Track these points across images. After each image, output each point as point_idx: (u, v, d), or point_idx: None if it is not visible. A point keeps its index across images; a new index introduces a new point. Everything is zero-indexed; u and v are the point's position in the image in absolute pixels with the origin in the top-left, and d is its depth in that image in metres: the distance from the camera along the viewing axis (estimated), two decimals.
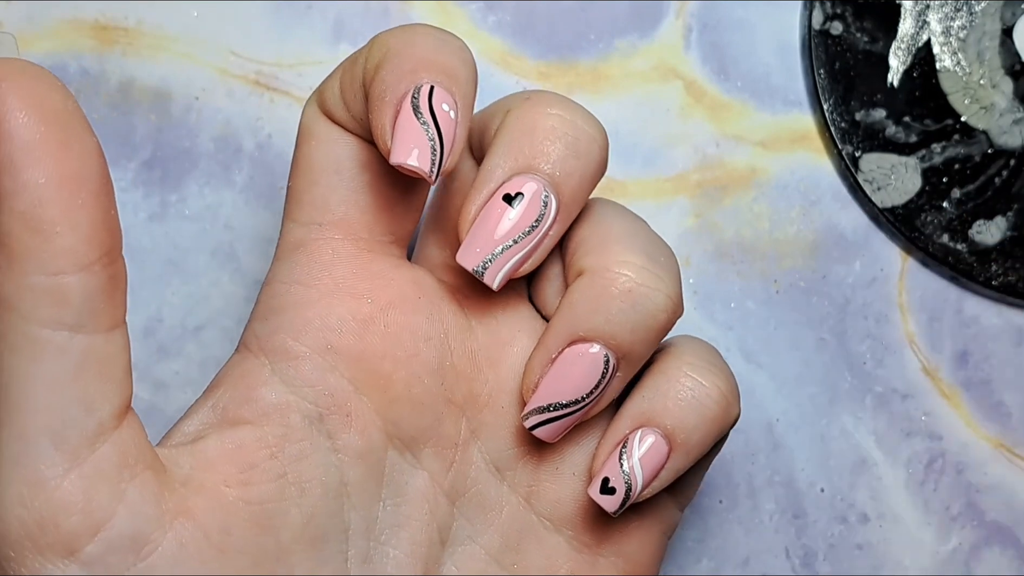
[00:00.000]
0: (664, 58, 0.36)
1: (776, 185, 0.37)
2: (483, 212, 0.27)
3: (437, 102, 0.25)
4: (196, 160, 0.35)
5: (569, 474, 0.29)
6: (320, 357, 0.27)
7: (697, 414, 0.28)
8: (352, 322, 0.27)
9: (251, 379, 0.27)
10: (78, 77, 0.35)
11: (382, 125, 0.26)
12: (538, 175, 0.27)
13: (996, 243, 0.37)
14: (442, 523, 0.28)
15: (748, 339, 0.37)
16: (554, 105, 0.27)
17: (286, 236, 0.28)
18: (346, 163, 0.28)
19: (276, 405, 0.27)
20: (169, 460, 0.25)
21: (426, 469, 0.28)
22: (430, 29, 0.27)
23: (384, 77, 0.26)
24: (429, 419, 0.28)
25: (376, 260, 0.28)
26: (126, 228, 0.35)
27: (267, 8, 0.35)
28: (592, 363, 0.27)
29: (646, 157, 0.37)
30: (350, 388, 0.27)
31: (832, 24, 0.36)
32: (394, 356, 0.27)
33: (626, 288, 0.27)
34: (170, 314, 0.35)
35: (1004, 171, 0.36)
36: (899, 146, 0.36)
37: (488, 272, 0.27)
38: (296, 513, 0.26)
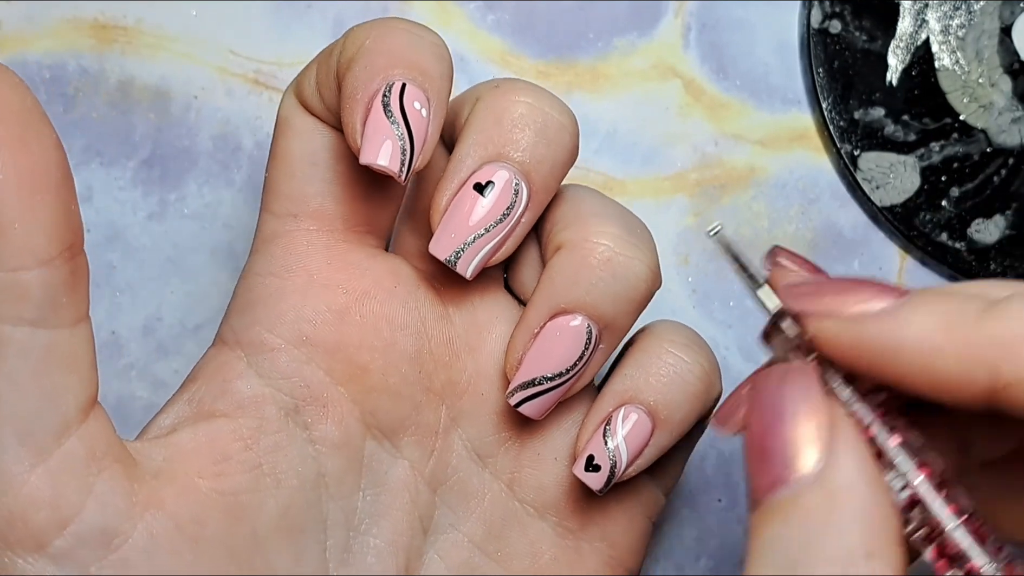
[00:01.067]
0: (663, 57, 0.37)
1: (775, 184, 0.37)
2: (454, 202, 0.27)
3: (408, 100, 0.25)
4: (195, 159, 0.35)
5: (551, 459, 0.29)
6: (296, 349, 0.27)
7: (680, 391, 0.28)
8: (327, 313, 0.27)
9: (227, 372, 0.27)
10: (77, 76, 0.35)
11: (352, 123, 0.26)
12: (508, 163, 0.27)
13: (995, 242, 0.37)
14: (424, 512, 0.28)
15: (747, 338, 0.37)
16: (523, 93, 0.27)
17: (262, 227, 0.28)
18: (322, 154, 0.27)
19: (251, 397, 0.27)
20: (141, 453, 0.25)
21: (406, 458, 0.28)
22: (405, 24, 0.26)
23: (356, 74, 0.26)
24: (407, 408, 0.28)
25: (352, 250, 0.28)
26: (125, 227, 0.35)
27: (266, 7, 0.35)
28: (575, 335, 0.27)
29: (645, 156, 0.37)
30: (326, 379, 0.27)
31: (831, 23, 0.36)
32: (371, 346, 0.27)
33: (605, 257, 0.27)
34: (169, 313, 0.35)
35: (1003, 170, 0.36)
36: (898, 145, 0.36)
37: (461, 261, 0.27)
38: (272, 504, 0.26)
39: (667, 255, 0.37)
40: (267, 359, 0.27)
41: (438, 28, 0.36)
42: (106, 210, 0.35)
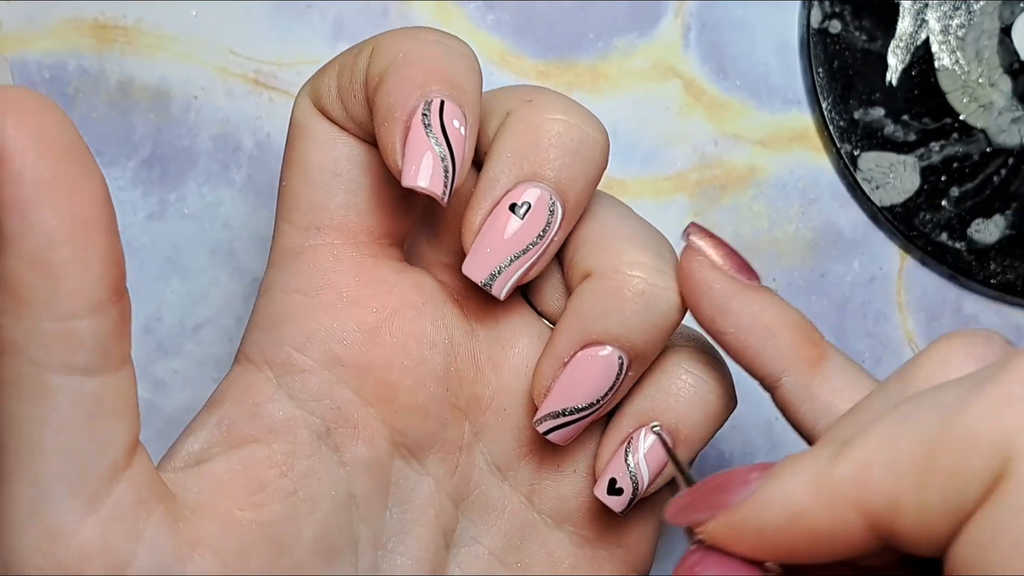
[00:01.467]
0: (663, 57, 0.37)
1: (775, 184, 0.37)
2: (488, 221, 0.26)
3: (448, 118, 0.25)
4: (195, 159, 0.35)
5: (571, 471, 0.29)
6: (326, 370, 0.26)
7: (700, 411, 0.28)
8: (358, 333, 0.27)
9: (256, 394, 0.26)
10: (77, 76, 0.35)
11: (392, 143, 0.25)
12: (544, 182, 0.26)
13: (995, 242, 0.37)
14: (447, 526, 0.28)
15: None
16: (557, 109, 0.26)
17: (282, 240, 0.27)
18: (345, 165, 0.27)
19: (283, 421, 0.26)
20: (177, 485, 0.25)
21: (431, 475, 0.28)
22: (438, 35, 0.26)
23: (391, 89, 0.25)
24: (434, 425, 0.28)
25: (378, 265, 0.27)
26: (125, 227, 0.35)
27: (266, 7, 0.35)
28: (606, 366, 0.27)
29: (645, 156, 0.37)
30: (356, 400, 0.27)
31: (831, 23, 0.36)
32: (400, 365, 0.27)
33: (639, 290, 0.26)
34: (169, 313, 0.35)
35: (1003, 170, 0.36)
36: (898, 145, 0.36)
37: (496, 284, 0.26)
38: (308, 530, 0.26)
39: None
40: (297, 380, 0.26)
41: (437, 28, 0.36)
42: None
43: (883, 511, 0.20)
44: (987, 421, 0.20)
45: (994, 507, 0.19)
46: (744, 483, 0.22)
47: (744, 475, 0.22)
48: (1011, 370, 0.20)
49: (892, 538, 0.21)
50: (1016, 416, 0.20)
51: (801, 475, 0.21)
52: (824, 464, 0.21)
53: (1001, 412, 0.20)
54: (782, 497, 0.21)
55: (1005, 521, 0.19)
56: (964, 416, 0.20)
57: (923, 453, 0.20)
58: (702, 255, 0.27)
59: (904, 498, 0.20)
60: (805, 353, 0.26)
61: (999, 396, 0.20)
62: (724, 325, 0.26)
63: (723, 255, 0.27)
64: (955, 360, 0.23)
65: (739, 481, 0.22)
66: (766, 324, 0.26)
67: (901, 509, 0.20)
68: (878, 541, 0.21)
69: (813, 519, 0.21)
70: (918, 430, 0.20)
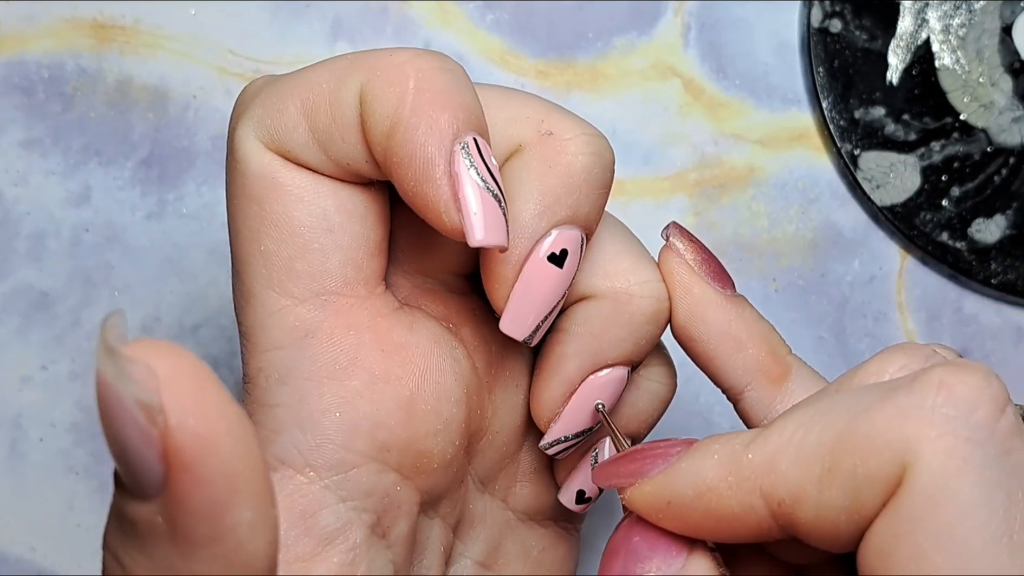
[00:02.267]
0: (663, 56, 0.36)
1: (775, 183, 0.37)
2: (525, 274, 0.24)
3: (486, 155, 0.23)
4: (194, 159, 0.35)
5: (544, 470, 0.29)
6: (375, 460, 0.25)
7: (656, 410, 0.28)
8: (397, 411, 0.25)
9: (305, 505, 0.24)
10: (76, 76, 0.35)
11: (444, 200, 0.22)
12: (576, 224, 0.25)
13: (995, 241, 0.37)
14: (447, 553, 0.28)
15: None
16: (582, 143, 0.24)
17: (284, 317, 0.24)
18: (335, 217, 0.24)
19: (339, 529, 0.24)
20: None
21: (440, 516, 0.27)
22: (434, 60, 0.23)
23: (420, 138, 0.22)
24: (454, 475, 0.27)
25: (393, 328, 0.25)
26: (124, 226, 0.35)
27: (265, 7, 0.35)
28: (616, 385, 0.26)
29: (644, 155, 0.36)
30: (398, 479, 0.25)
31: (831, 22, 0.36)
32: (435, 431, 0.25)
33: (655, 311, 0.26)
34: (168, 313, 0.35)
35: (1003, 169, 0.36)
36: (898, 144, 0.36)
37: (536, 337, 0.25)
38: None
39: None
40: (348, 479, 0.24)
41: (438, 28, 0.36)
42: (105, 210, 0.35)
43: (785, 501, 0.21)
44: (889, 427, 0.20)
45: (892, 514, 0.20)
46: (665, 456, 0.23)
47: (667, 448, 0.23)
48: (923, 381, 0.20)
49: (794, 529, 0.21)
50: (918, 424, 0.20)
51: (715, 456, 0.22)
52: (738, 448, 0.21)
53: (904, 420, 0.20)
54: (693, 474, 0.22)
55: (903, 529, 0.19)
56: (870, 419, 0.20)
57: (828, 450, 0.20)
58: (680, 257, 0.26)
59: (807, 491, 0.20)
60: (769, 368, 0.26)
61: (905, 404, 0.20)
62: (694, 332, 0.26)
63: (700, 260, 0.26)
64: (890, 370, 0.23)
65: (661, 454, 0.23)
66: (735, 336, 0.26)
67: (802, 502, 0.20)
68: (782, 530, 0.21)
69: (720, 499, 0.21)
70: (828, 427, 0.21)
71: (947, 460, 0.19)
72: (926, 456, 0.19)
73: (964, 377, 0.20)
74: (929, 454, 0.19)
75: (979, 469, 0.19)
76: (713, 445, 0.22)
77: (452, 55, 0.36)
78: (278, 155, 0.24)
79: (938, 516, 0.19)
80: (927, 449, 0.20)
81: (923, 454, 0.19)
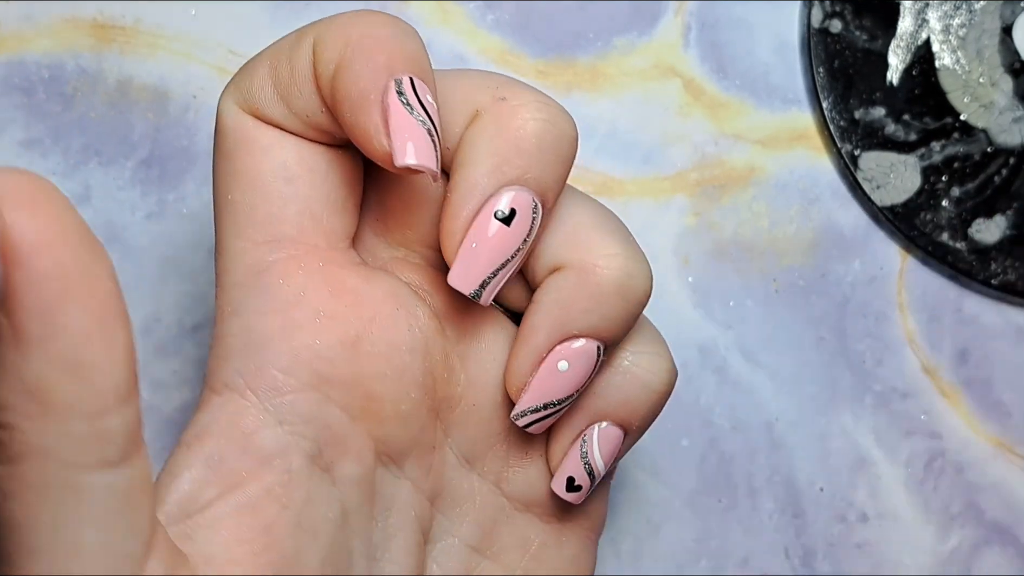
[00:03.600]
0: (663, 56, 0.36)
1: (775, 184, 0.37)
2: (473, 230, 0.26)
3: (421, 93, 0.24)
4: (194, 158, 0.35)
5: (538, 456, 0.29)
6: (314, 389, 0.26)
7: (650, 401, 0.28)
8: (340, 348, 0.26)
9: (245, 425, 0.25)
10: (76, 75, 0.35)
11: (373, 125, 0.24)
12: (526, 186, 0.26)
13: (996, 242, 0.37)
14: (424, 525, 0.28)
15: (747, 338, 0.37)
16: (535, 108, 0.26)
17: (241, 258, 0.26)
18: (295, 168, 0.26)
19: (277, 451, 0.25)
20: (182, 538, 0.24)
21: (408, 478, 0.28)
22: (380, 15, 0.25)
23: (357, 73, 0.24)
24: (415, 431, 0.27)
25: (347, 275, 0.27)
26: (124, 227, 0.35)
27: (266, 7, 0.35)
28: (585, 359, 0.27)
29: (645, 155, 0.36)
30: (343, 416, 0.26)
31: (831, 22, 0.36)
32: (383, 375, 0.26)
33: (619, 283, 0.26)
34: (168, 313, 0.35)
35: (1004, 169, 0.36)
36: (898, 144, 0.36)
37: (484, 294, 0.26)
38: (314, 559, 0.25)
39: (667, 255, 0.37)
40: (287, 403, 0.26)
41: (438, 27, 0.36)
42: (104, 210, 0.35)
43: None
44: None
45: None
46: None
47: None
48: None
49: None
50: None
51: None
52: None
53: None
54: None
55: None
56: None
57: None
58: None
59: None
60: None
61: None
62: None
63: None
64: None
65: None
66: None
67: None
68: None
69: None
70: None
71: None
72: None
73: None
74: None
75: None
76: None
77: (452, 55, 0.36)
78: (251, 115, 0.26)
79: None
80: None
81: None
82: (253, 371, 0.26)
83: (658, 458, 0.37)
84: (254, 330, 0.26)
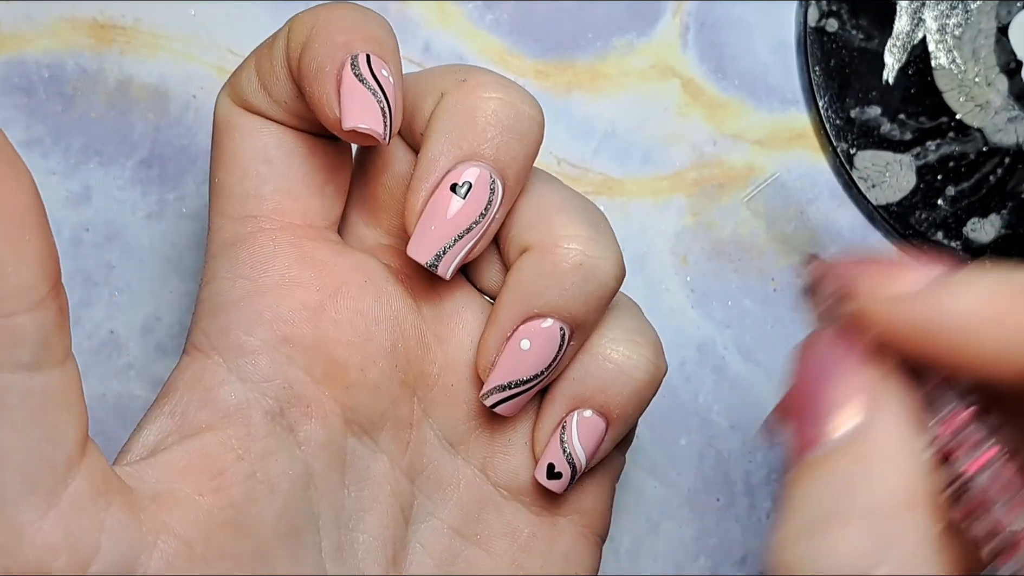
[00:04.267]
0: (662, 57, 0.37)
1: (773, 183, 0.37)
2: (431, 203, 0.26)
3: (376, 68, 0.25)
4: (194, 158, 0.35)
5: (522, 443, 0.29)
6: (276, 350, 0.27)
7: (629, 388, 0.28)
8: (303, 311, 0.27)
9: (207, 380, 0.27)
10: (76, 75, 0.35)
11: (326, 94, 0.25)
12: (483, 161, 0.26)
13: (990, 241, 0.37)
14: (404, 502, 0.29)
15: (745, 337, 0.37)
16: (492, 87, 0.27)
17: (219, 232, 0.28)
18: (274, 151, 0.27)
19: (236, 405, 0.26)
20: (133, 478, 0.25)
21: (384, 452, 0.28)
22: (351, 4, 0.26)
23: (317, 50, 0.25)
24: (385, 402, 0.28)
25: (318, 248, 0.28)
26: (124, 226, 0.35)
27: (265, 7, 0.35)
28: (549, 338, 0.27)
29: (644, 155, 0.37)
30: (307, 379, 0.27)
31: (828, 21, 0.36)
32: (348, 342, 0.27)
33: (577, 262, 0.27)
34: (168, 313, 0.35)
35: (999, 169, 0.37)
36: (894, 143, 0.37)
37: (441, 264, 0.27)
38: (269, 511, 0.26)
39: (665, 255, 0.37)
40: (248, 362, 0.27)
41: (437, 27, 0.36)
42: (105, 209, 0.35)
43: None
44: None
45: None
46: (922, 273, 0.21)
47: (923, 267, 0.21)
48: None
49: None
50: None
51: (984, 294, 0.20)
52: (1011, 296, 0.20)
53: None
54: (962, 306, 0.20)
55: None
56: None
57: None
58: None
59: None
60: None
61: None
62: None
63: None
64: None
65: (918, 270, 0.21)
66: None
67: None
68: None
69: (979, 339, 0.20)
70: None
71: None
72: None
73: None
74: None
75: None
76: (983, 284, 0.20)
77: (451, 55, 0.36)
78: (240, 106, 0.28)
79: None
80: None
81: None
82: (217, 332, 0.27)
83: (656, 457, 0.37)
84: (222, 294, 0.27)
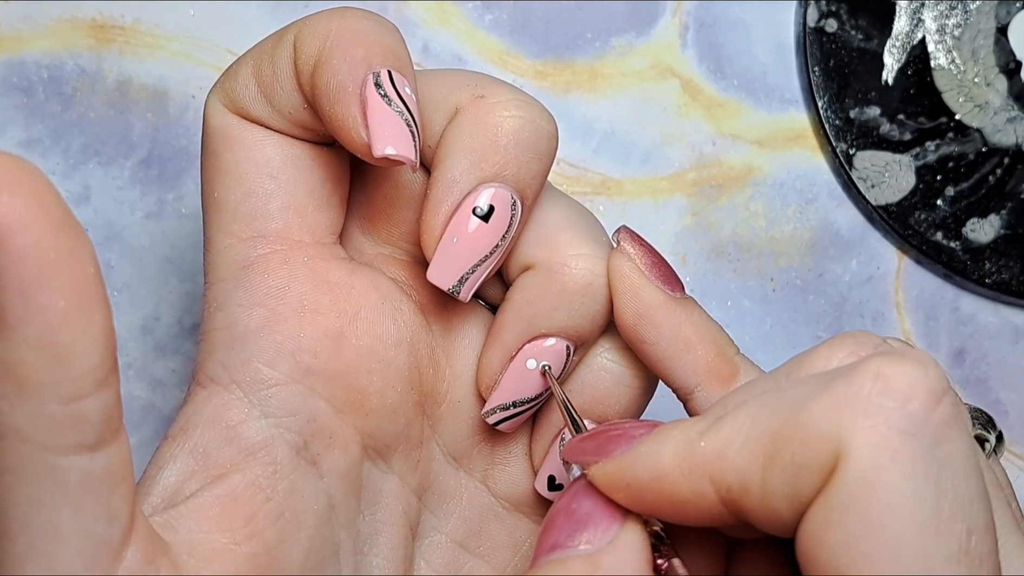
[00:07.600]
0: (661, 57, 0.37)
1: (772, 183, 0.37)
2: (452, 226, 0.26)
3: (400, 85, 0.25)
4: (193, 158, 0.35)
5: (522, 456, 0.29)
6: (299, 383, 0.26)
7: (627, 398, 0.28)
8: (325, 340, 0.26)
9: (228, 416, 0.25)
10: (76, 76, 0.35)
11: (351, 116, 0.24)
12: (505, 183, 0.26)
13: (990, 241, 0.37)
14: (412, 521, 0.28)
15: (745, 337, 0.37)
16: (513, 106, 0.26)
17: (226, 253, 0.26)
18: (278, 165, 0.26)
19: (261, 442, 0.25)
20: (166, 528, 0.24)
21: (396, 473, 0.28)
22: (360, 11, 0.25)
23: (336, 67, 0.24)
24: (401, 424, 0.27)
25: (331, 268, 0.27)
26: (124, 226, 0.35)
27: (264, 7, 0.35)
28: (555, 357, 0.27)
29: (643, 156, 0.37)
30: (329, 409, 0.26)
31: (827, 22, 0.36)
32: (369, 369, 0.27)
33: (586, 282, 0.26)
34: (167, 312, 0.35)
35: (998, 169, 0.37)
36: (893, 144, 0.37)
37: (463, 289, 0.26)
38: (298, 549, 0.25)
39: (665, 255, 0.37)
40: (271, 396, 0.26)
41: (436, 28, 0.36)
42: (104, 210, 0.35)
43: (733, 488, 0.21)
44: (825, 416, 0.20)
45: (825, 501, 0.20)
46: (628, 439, 0.23)
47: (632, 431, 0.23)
48: (860, 370, 0.20)
49: (742, 515, 0.21)
50: (852, 414, 0.20)
51: (672, 443, 0.22)
52: (694, 436, 0.22)
53: (839, 409, 0.20)
54: (650, 459, 0.22)
55: (834, 516, 0.20)
56: (808, 409, 0.20)
57: (771, 439, 0.21)
58: (630, 261, 0.27)
59: (752, 479, 0.21)
60: (718, 369, 0.27)
61: (841, 394, 0.20)
62: (644, 335, 0.27)
63: (650, 263, 0.27)
64: (839, 356, 0.23)
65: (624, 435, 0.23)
66: (685, 338, 0.27)
67: (748, 490, 0.21)
68: (732, 516, 0.22)
69: (674, 484, 0.22)
70: (772, 417, 0.21)
71: (877, 451, 0.20)
72: (857, 446, 0.20)
73: (901, 367, 0.20)
74: (860, 444, 0.20)
75: (909, 460, 0.20)
76: (672, 431, 0.22)
77: (451, 55, 0.36)
78: (236, 114, 0.26)
79: (867, 505, 0.19)
80: (859, 439, 0.20)
81: (855, 444, 0.20)
82: (237, 364, 0.26)
83: None
84: (238, 323, 0.26)
